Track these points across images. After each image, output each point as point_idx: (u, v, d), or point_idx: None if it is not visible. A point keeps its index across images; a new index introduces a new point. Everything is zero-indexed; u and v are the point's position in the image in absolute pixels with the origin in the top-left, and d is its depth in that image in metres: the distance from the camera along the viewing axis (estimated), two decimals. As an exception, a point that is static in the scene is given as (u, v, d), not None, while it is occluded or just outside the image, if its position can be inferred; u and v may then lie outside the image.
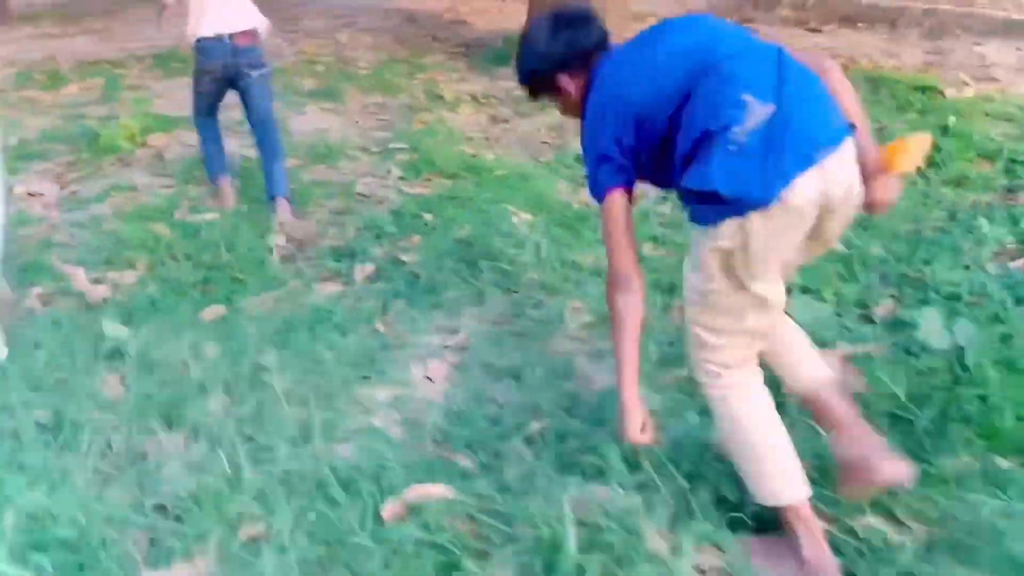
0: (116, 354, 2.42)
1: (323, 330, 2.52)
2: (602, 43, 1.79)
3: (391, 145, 4.80)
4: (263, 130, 3.71)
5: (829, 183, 1.45)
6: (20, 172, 4.59)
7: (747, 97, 1.43)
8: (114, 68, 7.78)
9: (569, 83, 1.80)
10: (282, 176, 3.62)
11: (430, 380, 2.27)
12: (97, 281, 2.94)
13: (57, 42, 10.04)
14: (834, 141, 1.46)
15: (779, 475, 1.62)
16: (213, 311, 2.70)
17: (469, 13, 11.33)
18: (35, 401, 2.18)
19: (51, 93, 6.77)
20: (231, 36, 3.42)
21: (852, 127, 1.50)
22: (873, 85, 5.51)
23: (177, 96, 6.51)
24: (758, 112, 1.42)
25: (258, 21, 3.57)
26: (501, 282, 2.82)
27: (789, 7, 9.89)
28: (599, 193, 1.68)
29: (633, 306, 1.61)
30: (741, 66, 1.50)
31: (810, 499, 1.63)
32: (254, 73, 3.57)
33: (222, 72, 3.54)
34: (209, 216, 3.61)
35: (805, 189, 1.43)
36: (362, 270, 2.96)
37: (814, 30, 8.48)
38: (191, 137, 5.16)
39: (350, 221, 3.61)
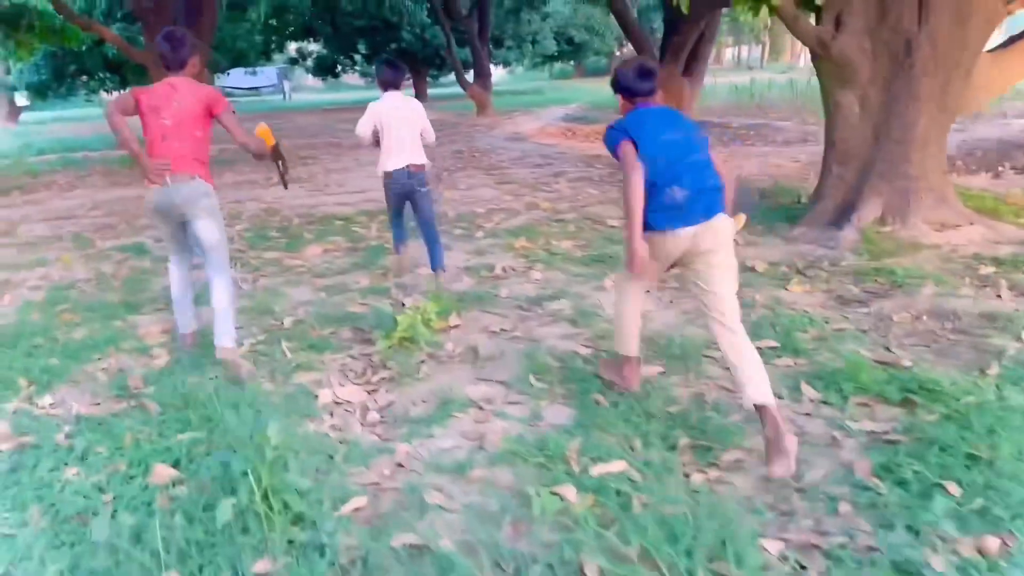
0: None
1: None
2: (646, 94, 2.93)
3: (757, 344, 3.78)
4: (427, 227, 5.16)
5: (703, 234, 2.82)
6: (310, 368, 3.87)
7: (678, 189, 2.79)
8: (349, 224, 7.37)
9: (622, 103, 3.02)
10: (441, 256, 5.25)
11: None
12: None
13: (264, 191, 10.02)
14: (710, 214, 2.83)
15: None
16: None
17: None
18: None
19: (296, 255, 6.31)
20: (408, 166, 4.84)
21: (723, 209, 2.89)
22: None
23: (444, 261, 5.92)
24: (679, 193, 2.79)
25: (424, 158, 4.95)
26: None
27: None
28: (614, 147, 2.89)
29: (638, 181, 2.76)
30: (685, 171, 2.81)
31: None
32: (422, 190, 4.97)
33: (402, 189, 4.93)
34: (615, 466, 2.64)
35: (685, 233, 2.82)
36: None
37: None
38: (495, 321, 4.40)
39: (817, 483, 2.54)
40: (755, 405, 2.70)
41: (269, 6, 24.83)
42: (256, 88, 57.12)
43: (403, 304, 4.81)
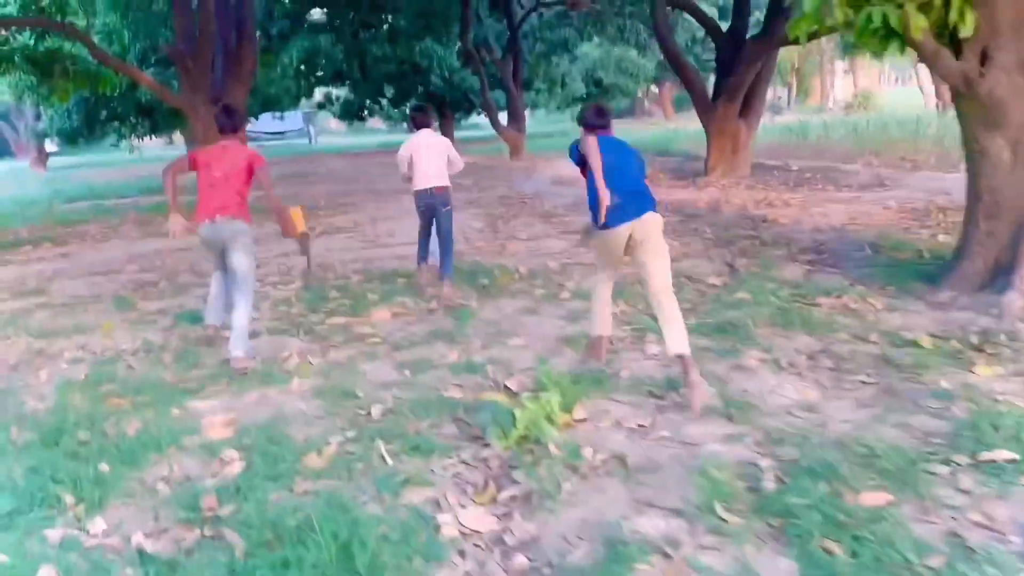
0: None
1: None
2: (600, 128, 3.98)
3: (987, 455, 2.99)
4: (444, 240, 6.24)
5: (636, 227, 3.78)
6: (420, 482, 3.10)
7: (615, 195, 3.72)
8: (414, 282, 6.69)
9: (584, 133, 3.95)
10: (449, 266, 6.29)
11: None
12: None
13: (315, 242, 9.22)
14: (640, 213, 3.79)
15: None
16: None
17: (753, 206, 9.91)
18: None
19: (364, 320, 5.62)
20: (432, 188, 6.02)
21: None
22: None
23: (535, 329, 5.19)
24: (616, 198, 3.71)
25: (447, 182, 6.08)
26: None
27: None
28: (576, 151, 3.97)
29: (597, 162, 3.80)
30: (621, 179, 3.77)
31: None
32: (443, 209, 6.12)
33: (426, 206, 6.16)
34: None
35: (623, 228, 3.78)
36: None
37: None
38: (627, 412, 3.66)
39: None
40: (676, 355, 3.72)
41: (302, 51, 24.68)
42: (282, 133, 57.56)
43: (505, 386, 4.09)
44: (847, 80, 46.70)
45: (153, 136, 28.56)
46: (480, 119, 37.45)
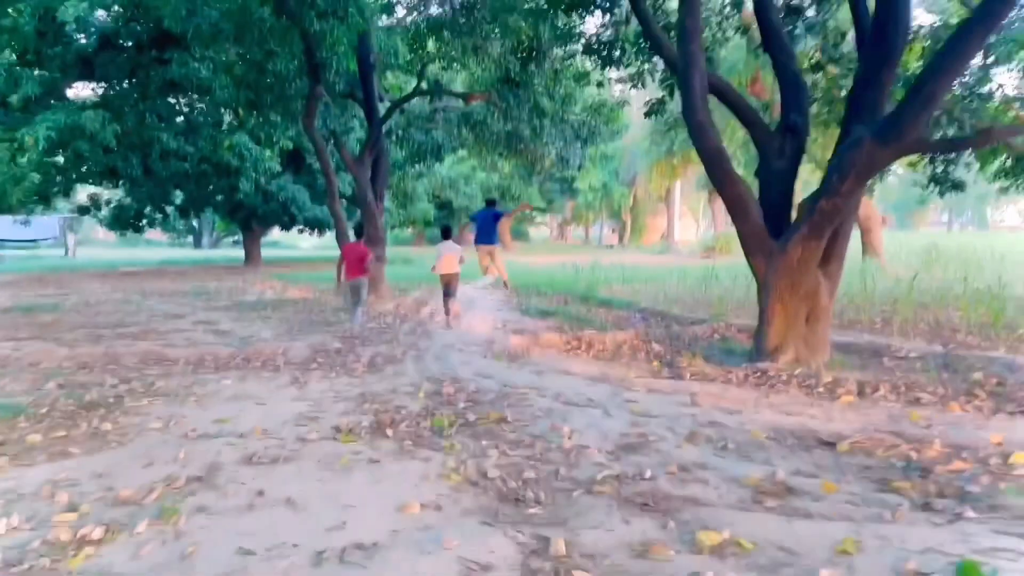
0: None
1: None
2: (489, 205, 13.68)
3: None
4: (449, 295, 11.21)
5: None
6: None
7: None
8: None
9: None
10: (450, 305, 11.27)
11: None
12: None
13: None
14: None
15: None
16: None
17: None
18: None
19: None
20: (453, 273, 11.27)
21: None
22: None
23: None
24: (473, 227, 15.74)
25: (458, 269, 11.23)
26: None
27: None
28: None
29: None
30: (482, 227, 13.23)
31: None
32: (455, 283, 11.30)
33: (448, 283, 11.27)
34: None
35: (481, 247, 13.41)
36: None
37: None
38: None
39: None
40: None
41: (54, 131, 16.81)
42: (32, 241, 46.52)
43: None
44: (697, 221, 45.64)
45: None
46: (285, 235, 30.06)
